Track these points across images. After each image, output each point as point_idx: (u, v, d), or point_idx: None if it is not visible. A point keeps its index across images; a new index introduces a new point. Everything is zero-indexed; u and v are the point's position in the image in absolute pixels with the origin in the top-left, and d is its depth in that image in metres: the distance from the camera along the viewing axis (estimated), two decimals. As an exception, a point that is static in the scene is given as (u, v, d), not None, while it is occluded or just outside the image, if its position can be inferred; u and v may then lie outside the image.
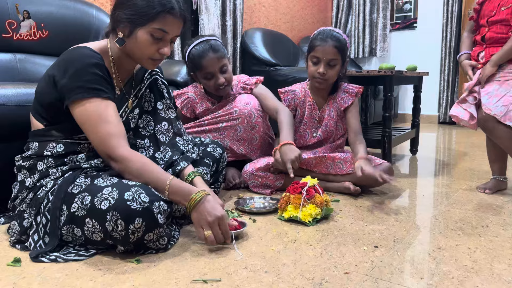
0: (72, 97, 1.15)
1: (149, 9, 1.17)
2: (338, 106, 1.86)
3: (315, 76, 1.76)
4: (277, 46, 3.76)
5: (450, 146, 3.13)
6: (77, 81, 1.14)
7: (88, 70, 1.16)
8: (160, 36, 1.21)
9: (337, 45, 1.71)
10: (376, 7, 4.82)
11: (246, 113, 1.83)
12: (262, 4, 4.05)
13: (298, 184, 1.45)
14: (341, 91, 1.86)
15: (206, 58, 1.80)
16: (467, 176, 2.09)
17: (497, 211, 1.52)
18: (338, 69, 1.77)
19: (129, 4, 1.18)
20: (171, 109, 1.43)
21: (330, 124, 1.86)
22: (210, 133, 1.88)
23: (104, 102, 1.17)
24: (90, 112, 1.15)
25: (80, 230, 1.09)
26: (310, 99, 1.88)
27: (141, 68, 1.39)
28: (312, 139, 1.88)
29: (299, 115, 1.90)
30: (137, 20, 1.18)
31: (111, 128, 1.16)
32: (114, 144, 1.15)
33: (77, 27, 2.27)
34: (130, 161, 1.16)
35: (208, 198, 1.16)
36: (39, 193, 1.18)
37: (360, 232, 1.30)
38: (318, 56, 1.73)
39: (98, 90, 1.16)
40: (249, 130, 1.86)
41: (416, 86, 2.66)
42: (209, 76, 1.83)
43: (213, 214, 1.14)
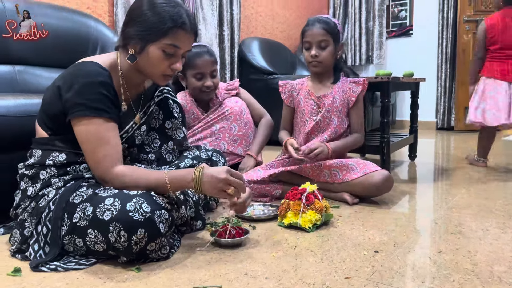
0: (74, 113, 1.15)
1: (160, 25, 1.17)
2: (346, 96, 1.82)
3: (309, 61, 1.79)
4: (274, 54, 3.79)
5: (448, 152, 3.15)
6: (81, 98, 1.15)
7: (93, 88, 1.16)
8: (172, 52, 1.21)
9: (325, 26, 1.75)
10: (372, 15, 4.86)
11: (237, 109, 1.94)
12: (259, 14, 4.09)
13: (298, 190, 1.45)
14: (346, 82, 1.85)
15: (202, 59, 1.90)
16: (466, 181, 2.10)
17: (496, 215, 1.53)
18: (331, 50, 1.77)
19: (140, 21, 1.18)
20: (179, 129, 1.43)
21: (332, 111, 1.80)
22: (206, 140, 1.90)
23: (105, 123, 1.17)
24: (90, 132, 1.15)
25: (82, 240, 1.09)
26: (306, 88, 1.87)
27: (152, 85, 1.39)
28: (311, 124, 1.81)
29: (295, 105, 1.90)
30: (149, 36, 1.18)
31: (108, 150, 1.16)
32: (108, 165, 1.15)
33: (75, 38, 2.28)
34: (126, 175, 1.16)
35: (206, 168, 1.17)
36: (41, 202, 1.18)
37: (360, 237, 1.31)
38: (308, 41, 1.77)
39: (101, 110, 1.16)
40: (243, 126, 1.94)
41: (414, 92, 2.68)
42: (200, 76, 1.92)
43: (221, 171, 1.15)
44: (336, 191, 1.73)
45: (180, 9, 1.20)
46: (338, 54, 1.83)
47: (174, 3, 1.21)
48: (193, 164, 1.40)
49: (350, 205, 1.67)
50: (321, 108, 1.81)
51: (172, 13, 1.18)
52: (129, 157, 1.32)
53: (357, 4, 4.91)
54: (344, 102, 1.82)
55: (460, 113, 4.33)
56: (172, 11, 1.18)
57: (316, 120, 1.80)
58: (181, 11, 1.20)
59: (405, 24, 4.81)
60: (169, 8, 1.18)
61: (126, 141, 1.29)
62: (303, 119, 1.85)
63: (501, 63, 2.31)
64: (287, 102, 1.92)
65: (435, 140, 3.87)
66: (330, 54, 1.78)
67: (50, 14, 2.19)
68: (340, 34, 1.82)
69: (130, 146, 1.32)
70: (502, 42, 2.31)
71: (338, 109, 1.81)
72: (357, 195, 1.70)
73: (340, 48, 1.83)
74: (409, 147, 2.74)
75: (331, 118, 1.80)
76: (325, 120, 1.80)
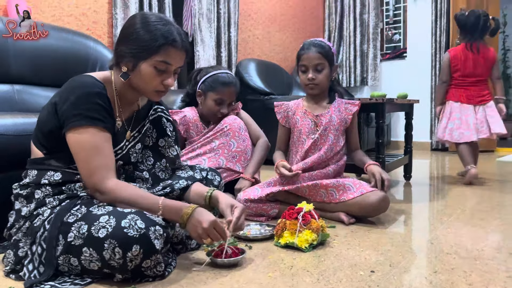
0: (70, 124, 1.16)
1: (152, 43, 1.20)
2: (343, 115, 1.87)
3: (306, 83, 1.83)
4: (270, 75, 3.84)
5: (443, 172, 3.17)
6: (77, 108, 1.16)
7: (89, 99, 1.18)
8: (164, 68, 1.23)
9: (321, 50, 1.79)
10: (366, 38, 4.96)
11: (236, 126, 1.98)
12: (256, 36, 4.16)
13: (294, 209, 1.46)
14: (342, 103, 1.90)
15: (229, 88, 2.02)
16: (461, 202, 2.11)
17: (491, 235, 1.54)
18: (326, 73, 1.81)
19: (132, 39, 1.21)
20: (172, 147, 1.44)
21: (329, 130, 1.83)
22: (205, 155, 1.93)
23: (100, 132, 1.18)
24: (85, 141, 1.16)
25: (77, 259, 1.08)
26: (302, 108, 1.90)
27: (146, 104, 1.41)
28: (309, 142, 1.83)
29: (291, 125, 1.92)
30: (140, 54, 1.21)
31: (102, 160, 1.17)
32: (102, 176, 1.16)
33: (75, 58, 2.32)
34: (118, 191, 1.17)
35: (198, 210, 1.19)
36: (36, 222, 1.17)
37: (356, 257, 1.31)
38: (304, 64, 1.82)
39: (96, 120, 1.18)
40: (241, 142, 1.97)
41: (408, 114, 2.72)
42: (219, 102, 2.01)
43: (206, 219, 1.16)
44: (332, 210, 1.74)
45: (171, 27, 1.23)
46: (333, 76, 1.88)
47: (166, 22, 1.24)
48: (187, 185, 1.41)
49: (346, 225, 1.68)
50: (319, 126, 1.84)
51: (163, 31, 1.21)
52: (124, 175, 1.33)
53: (351, 27, 5.02)
54: (342, 121, 1.86)
55: (454, 134, 4.37)
56: (163, 29, 1.21)
57: (314, 138, 1.82)
58: (171, 29, 1.23)
59: (399, 47, 4.91)
60: (161, 27, 1.22)
61: (121, 158, 1.30)
62: (300, 139, 1.87)
63: (465, 89, 2.72)
64: (283, 122, 1.94)
65: (430, 160, 3.90)
66: (326, 77, 1.82)
67: (52, 35, 2.23)
68: (334, 56, 1.86)
69: (125, 163, 1.32)
70: (463, 71, 2.73)
71: (335, 128, 1.84)
72: (354, 215, 1.71)
73: (335, 69, 1.87)
74: (404, 168, 2.76)
75: (328, 136, 1.83)
76: (322, 138, 1.83)
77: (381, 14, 4.97)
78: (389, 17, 4.93)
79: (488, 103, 2.70)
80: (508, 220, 1.73)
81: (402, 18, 4.85)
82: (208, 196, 1.37)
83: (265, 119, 2.51)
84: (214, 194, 1.37)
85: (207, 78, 2.03)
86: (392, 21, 4.92)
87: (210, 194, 1.37)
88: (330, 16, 5.17)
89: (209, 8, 3.47)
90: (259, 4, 4.18)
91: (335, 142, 1.84)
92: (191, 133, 2.05)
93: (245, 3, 3.99)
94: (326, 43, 1.85)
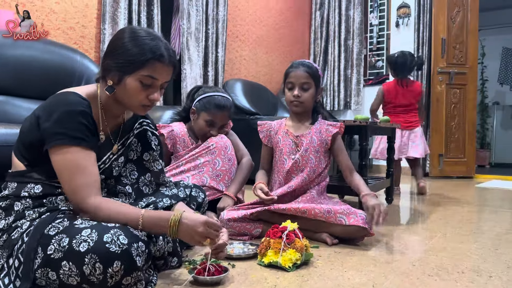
0: (52, 142, 1.14)
1: (138, 57, 1.19)
2: (323, 136, 1.87)
3: (291, 100, 1.85)
4: (256, 96, 3.88)
5: (423, 197, 3.21)
6: (60, 127, 1.15)
7: (73, 118, 1.16)
8: (149, 83, 1.23)
9: (308, 70, 1.84)
10: (350, 64, 5.08)
11: (222, 144, 1.96)
12: (243, 57, 4.22)
13: (278, 228, 1.45)
14: (324, 124, 1.91)
15: (222, 112, 2.00)
16: (442, 225, 2.14)
17: (471, 258, 1.56)
18: (312, 93, 1.85)
19: (118, 53, 1.21)
20: (157, 161, 1.42)
21: (310, 151, 1.84)
22: (189, 172, 1.90)
23: (83, 151, 1.17)
24: (68, 161, 1.15)
25: (56, 273, 1.05)
26: (284, 127, 1.92)
27: (132, 117, 1.40)
28: (289, 163, 1.83)
29: (273, 145, 1.94)
30: (126, 68, 1.20)
31: (85, 179, 1.15)
32: (85, 194, 1.15)
33: (61, 71, 2.31)
34: (100, 209, 1.15)
35: (184, 215, 1.17)
36: (14, 234, 1.14)
37: (340, 278, 1.31)
38: (292, 81, 1.85)
39: (79, 139, 1.16)
40: (227, 162, 1.96)
41: (390, 138, 2.77)
42: (211, 123, 1.99)
43: (198, 223, 1.16)
44: (316, 230, 1.73)
45: (159, 42, 1.24)
46: (317, 98, 1.91)
47: (154, 37, 1.24)
48: (171, 203, 1.39)
49: (329, 246, 1.68)
50: (299, 147, 1.86)
51: (151, 45, 1.21)
52: (106, 189, 1.31)
53: (336, 52, 5.14)
54: (322, 142, 1.87)
55: (434, 160, 4.47)
56: (151, 43, 1.22)
57: (295, 159, 1.84)
58: (159, 44, 1.23)
59: (381, 73, 5.03)
60: (148, 41, 1.22)
61: (103, 172, 1.28)
62: (281, 158, 1.88)
63: (396, 116, 3.24)
64: (265, 141, 1.96)
65: (411, 185, 3.95)
66: (311, 96, 1.85)
67: (38, 47, 2.23)
68: (321, 79, 1.90)
69: (107, 177, 1.31)
70: (395, 102, 3.26)
71: (316, 149, 1.86)
72: (336, 236, 1.71)
73: (320, 92, 1.91)
74: (385, 190, 2.79)
75: (309, 157, 1.84)
76: (303, 159, 1.84)
77: (365, 41, 5.11)
78: (372, 44, 5.07)
79: (414, 129, 3.26)
80: (487, 245, 1.75)
81: (385, 45, 4.99)
82: None
83: (250, 138, 2.52)
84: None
85: (203, 98, 2.02)
86: (375, 48, 5.06)
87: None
88: (316, 41, 5.29)
89: (198, 27, 3.51)
90: (247, 27, 4.26)
91: (316, 164, 1.85)
92: (177, 148, 2.03)
93: (233, 24, 4.06)
94: (314, 65, 1.89)
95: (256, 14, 4.37)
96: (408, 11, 4.79)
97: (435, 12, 4.44)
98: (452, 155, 4.49)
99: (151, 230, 1.18)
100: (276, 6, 4.67)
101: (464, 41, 4.48)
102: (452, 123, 4.49)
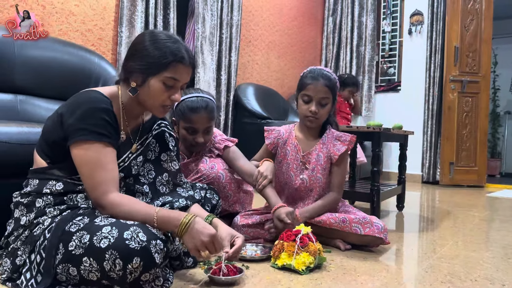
0: (75, 138, 1.17)
1: (161, 59, 1.23)
2: (330, 153, 1.80)
3: (306, 115, 1.75)
4: (268, 100, 3.90)
5: (434, 205, 3.21)
6: (83, 123, 1.18)
7: (95, 114, 1.19)
8: (172, 84, 1.27)
9: (328, 84, 1.72)
10: (362, 70, 5.08)
11: (214, 176, 1.80)
12: (255, 61, 4.25)
13: (292, 231, 1.47)
14: (332, 138, 1.82)
15: (197, 115, 1.75)
16: (453, 233, 2.14)
17: (483, 266, 1.56)
18: (329, 108, 1.76)
19: (141, 56, 1.25)
20: (174, 161, 1.45)
21: (317, 170, 1.78)
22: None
23: (105, 148, 1.20)
24: (90, 156, 1.18)
25: (76, 269, 1.08)
26: (293, 139, 1.84)
27: (151, 119, 1.43)
28: (297, 182, 1.79)
29: (279, 155, 1.87)
30: (150, 70, 1.24)
31: (105, 175, 1.18)
32: (104, 190, 1.17)
33: (79, 72, 2.34)
34: (118, 205, 1.17)
35: (197, 220, 1.18)
36: (35, 230, 1.17)
37: (353, 282, 1.32)
38: (309, 95, 1.73)
39: (101, 135, 1.19)
40: (222, 189, 1.82)
41: (402, 144, 2.77)
42: (191, 131, 1.78)
43: (206, 233, 1.17)
44: (328, 236, 1.74)
45: (180, 45, 1.28)
46: (332, 111, 1.83)
47: (174, 40, 1.28)
48: (187, 204, 1.41)
49: (342, 251, 1.69)
50: (307, 165, 1.80)
51: (173, 48, 1.25)
52: (124, 187, 1.33)
53: (348, 58, 5.15)
54: (328, 158, 1.80)
55: (445, 168, 4.45)
56: (173, 46, 1.26)
57: (302, 179, 1.79)
58: (180, 47, 1.27)
59: (393, 80, 5.03)
60: (170, 44, 1.26)
61: (122, 170, 1.31)
62: (288, 173, 1.83)
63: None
64: (270, 148, 1.89)
65: (421, 193, 3.94)
66: (327, 112, 1.77)
67: (57, 48, 2.27)
68: (337, 89, 1.82)
69: (126, 176, 1.33)
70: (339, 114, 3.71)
71: (323, 167, 1.79)
72: (349, 242, 1.72)
73: (335, 103, 1.83)
74: (397, 198, 2.79)
75: (317, 176, 1.78)
76: (311, 179, 1.78)
77: (377, 48, 5.12)
78: (385, 51, 5.08)
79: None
80: (499, 254, 1.75)
81: (397, 52, 4.99)
82: (208, 223, 1.36)
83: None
84: (214, 221, 1.38)
85: (178, 104, 1.78)
86: (387, 55, 5.06)
87: (210, 222, 1.37)
88: (328, 47, 5.30)
89: (212, 32, 3.54)
90: (260, 31, 4.29)
91: (325, 181, 1.80)
92: None
93: (246, 29, 4.09)
94: (333, 75, 1.79)
95: (269, 19, 4.40)
96: (421, 19, 4.79)
97: (449, 20, 4.44)
98: (463, 163, 4.47)
99: (164, 228, 1.20)
100: (289, 12, 4.70)
101: (477, 50, 4.46)
102: (464, 132, 4.47)
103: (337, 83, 1.81)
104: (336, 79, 1.80)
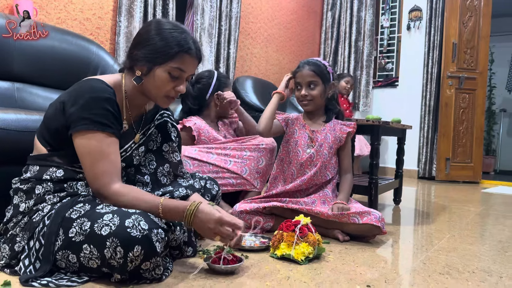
0: (77, 127, 1.16)
1: (168, 49, 1.22)
2: (337, 134, 1.91)
3: (300, 99, 1.91)
4: (266, 93, 3.89)
5: (429, 199, 3.22)
6: (85, 112, 1.17)
7: (98, 104, 1.18)
8: (177, 75, 1.25)
9: (314, 68, 1.87)
10: (360, 65, 5.08)
11: (271, 147, 2.10)
12: (253, 55, 4.23)
13: (291, 222, 1.47)
14: (338, 124, 1.95)
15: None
16: (450, 227, 2.15)
17: (481, 259, 1.57)
18: (320, 90, 1.88)
19: (148, 44, 1.23)
20: (176, 152, 1.45)
21: (324, 146, 1.88)
22: (233, 158, 2.05)
23: (108, 138, 1.19)
24: (92, 146, 1.17)
25: (76, 256, 1.07)
26: (301, 120, 1.97)
27: (153, 109, 1.42)
28: (304, 156, 1.87)
29: (287, 134, 1.97)
30: (156, 59, 1.23)
31: (108, 165, 1.17)
32: (107, 180, 1.17)
33: (77, 61, 2.32)
34: (121, 195, 1.17)
35: (199, 209, 1.18)
36: (35, 217, 1.16)
37: (352, 272, 1.32)
38: (299, 81, 1.89)
39: (104, 125, 1.18)
40: (269, 164, 2.09)
41: (400, 139, 2.78)
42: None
43: (211, 219, 1.17)
44: (327, 226, 1.75)
45: (187, 36, 1.26)
46: (328, 93, 1.92)
47: (182, 30, 1.27)
48: (187, 193, 1.41)
49: (340, 242, 1.69)
50: (314, 142, 1.89)
51: (180, 38, 1.24)
52: (125, 177, 1.33)
53: (346, 53, 5.14)
54: (336, 139, 1.91)
55: (441, 164, 4.47)
56: (180, 37, 1.24)
57: (310, 153, 1.87)
58: (187, 38, 1.26)
59: (391, 75, 5.04)
60: (177, 34, 1.24)
61: (124, 160, 1.30)
62: (296, 149, 1.90)
63: None
64: (282, 123, 1.98)
65: (417, 188, 3.96)
66: (319, 94, 1.88)
67: (55, 37, 2.24)
68: (330, 75, 1.91)
69: (127, 166, 1.33)
70: None
71: (329, 145, 1.89)
72: (348, 233, 1.73)
73: (330, 87, 1.92)
74: (394, 191, 2.80)
75: (323, 152, 1.88)
76: (318, 154, 1.87)
77: (376, 43, 5.12)
78: (383, 46, 5.08)
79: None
80: (496, 247, 1.76)
81: (395, 47, 4.99)
82: None
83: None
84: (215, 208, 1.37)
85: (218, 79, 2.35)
86: (386, 50, 5.06)
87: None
88: (326, 41, 5.29)
89: (211, 23, 3.53)
90: (258, 24, 4.27)
91: (328, 159, 1.88)
92: (202, 139, 2.11)
93: (245, 22, 4.07)
94: (322, 62, 1.91)
95: (268, 12, 4.38)
96: (420, 15, 4.79)
97: (447, 16, 4.44)
98: (459, 159, 4.49)
99: (170, 218, 1.20)
100: (288, 5, 4.68)
101: (475, 46, 4.48)
102: (460, 128, 4.49)
103: (328, 69, 1.91)
104: (325, 65, 1.91)
